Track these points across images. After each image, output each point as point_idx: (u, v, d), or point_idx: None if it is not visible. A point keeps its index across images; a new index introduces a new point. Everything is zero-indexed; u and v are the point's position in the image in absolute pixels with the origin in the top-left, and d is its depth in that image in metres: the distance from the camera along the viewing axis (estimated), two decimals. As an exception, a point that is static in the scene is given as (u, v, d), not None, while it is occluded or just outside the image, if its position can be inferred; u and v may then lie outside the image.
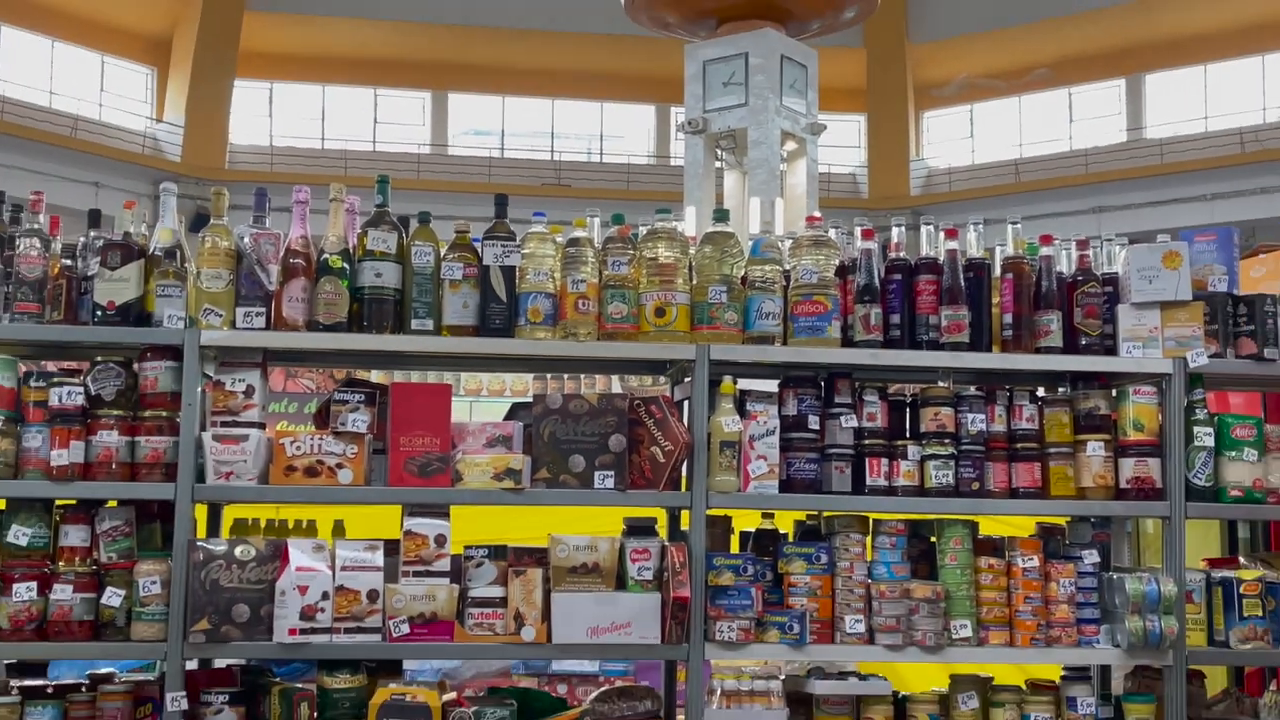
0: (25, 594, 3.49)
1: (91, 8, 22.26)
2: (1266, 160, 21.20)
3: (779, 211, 11.09)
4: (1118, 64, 23.60)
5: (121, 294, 3.60)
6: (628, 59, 22.52)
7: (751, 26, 13.59)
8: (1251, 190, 20.91)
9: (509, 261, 3.76)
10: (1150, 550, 4.60)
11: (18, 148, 19.68)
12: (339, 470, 3.63)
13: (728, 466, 3.75)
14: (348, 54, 23.96)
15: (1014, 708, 3.83)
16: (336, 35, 23.52)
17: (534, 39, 23.22)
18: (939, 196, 23.72)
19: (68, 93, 22.39)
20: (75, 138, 21.48)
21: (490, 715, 3.57)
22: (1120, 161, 22.94)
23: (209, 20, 22.69)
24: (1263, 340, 3.98)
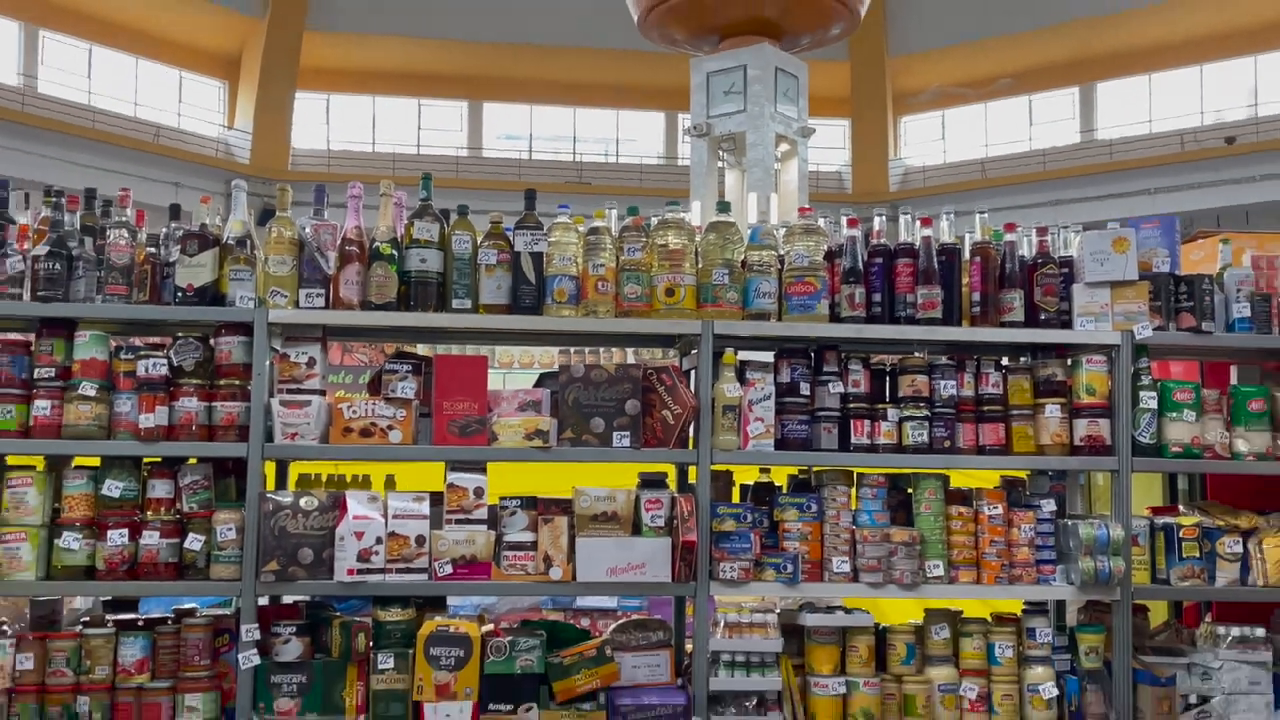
0: (118, 539, 3.51)
1: (171, 29, 22.26)
2: (1203, 159, 21.10)
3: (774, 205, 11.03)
4: (1072, 74, 23.49)
5: (199, 278, 3.61)
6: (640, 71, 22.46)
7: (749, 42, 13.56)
8: (1190, 185, 20.81)
9: (537, 248, 3.76)
10: (1100, 500, 4.58)
11: (107, 152, 19.76)
12: (390, 431, 3.63)
13: (729, 427, 3.75)
14: (395, 69, 23.95)
15: (980, 637, 3.83)
16: (385, 52, 23.50)
17: (558, 55, 23.18)
18: (914, 191, 23.63)
19: (150, 104, 22.43)
20: (157, 143, 21.52)
21: (523, 644, 3.57)
22: (1074, 160, 22.85)
23: (274, 40, 22.71)
24: (1200, 315, 3.95)
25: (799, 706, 3.75)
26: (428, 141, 24.77)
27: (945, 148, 25.16)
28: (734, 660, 3.70)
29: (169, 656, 3.56)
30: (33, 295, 3.55)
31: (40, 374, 3.55)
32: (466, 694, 3.49)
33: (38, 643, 3.46)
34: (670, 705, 3.64)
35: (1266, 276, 4.08)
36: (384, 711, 3.51)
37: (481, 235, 3.78)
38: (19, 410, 3.52)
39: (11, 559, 3.45)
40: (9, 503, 3.50)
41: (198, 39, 22.89)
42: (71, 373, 3.56)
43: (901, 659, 3.81)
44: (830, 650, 3.77)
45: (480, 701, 3.51)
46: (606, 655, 3.66)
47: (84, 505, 3.54)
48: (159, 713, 3.49)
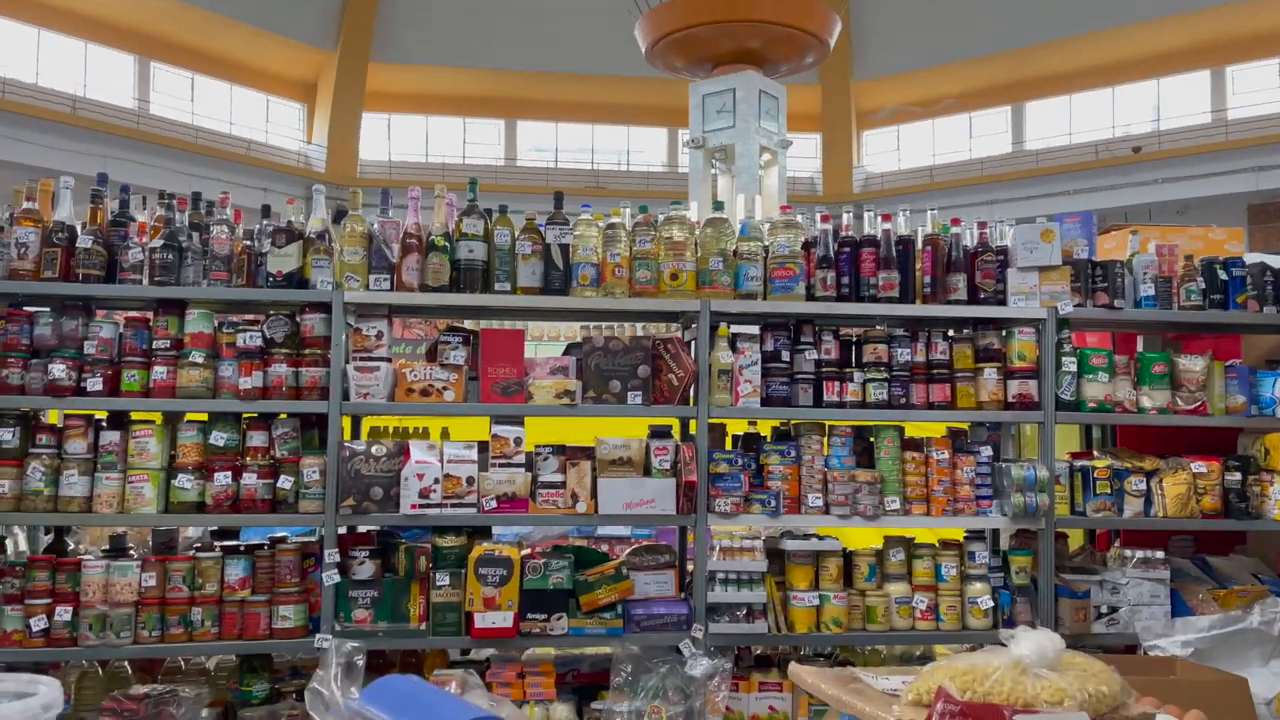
0: (223, 480, 3.52)
1: (259, 61, 22.13)
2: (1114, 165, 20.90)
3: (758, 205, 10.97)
4: (1006, 94, 23.26)
5: (287, 265, 3.60)
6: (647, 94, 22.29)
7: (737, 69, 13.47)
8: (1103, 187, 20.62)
9: (564, 240, 3.74)
10: (1028, 446, 4.57)
11: (207, 163, 19.70)
12: (444, 392, 3.63)
13: (723, 388, 3.74)
14: (444, 93, 23.80)
15: (929, 559, 3.83)
16: (436, 79, 23.35)
17: (579, 80, 23.02)
18: (874, 193, 23.46)
19: (242, 123, 22.31)
20: (249, 155, 21.43)
21: (555, 565, 3.58)
22: (1007, 166, 22.65)
23: (344, 69, 22.57)
24: (1113, 294, 3.92)
25: (781, 615, 3.75)
26: (471, 154, 24.61)
27: (900, 157, 24.93)
28: (727, 578, 3.71)
29: (265, 575, 3.58)
30: (150, 280, 3.55)
31: (158, 345, 3.55)
32: (509, 605, 3.51)
33: (158, 564, 3.48)
34: (676, 614, 3.66)
35: (1168, 262, 4.05)
36: (441, 620, 3.53)
37: (518, 230, 3.76)
38: (141, 375, 3.53)
39: (137, 496, 3.47)
40: (134, 450, 3.51)
41: (281, 69, 22.74)
42: (183, 344, 3.56)
43: (865, 577, 3.81)
44: (806, 570, 3.78)
45: (520, 612, 3.54)
46: (623, 574, 3.68)
47: (195, 452, 3.55)
48: (258, 621, 3.52)
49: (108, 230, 3.59)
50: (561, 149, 25.17)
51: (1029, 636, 1.78)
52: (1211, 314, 3.97)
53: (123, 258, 3.54)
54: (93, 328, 3.53)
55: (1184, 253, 4.07)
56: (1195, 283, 3.94)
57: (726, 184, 13.85)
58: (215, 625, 3.49)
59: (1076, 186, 20.77)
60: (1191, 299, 3.94)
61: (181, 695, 3.46)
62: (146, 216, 3.75)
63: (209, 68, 21.66)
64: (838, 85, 23.70)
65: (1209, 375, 3.96)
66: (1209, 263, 4.00)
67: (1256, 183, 19.18)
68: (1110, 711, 1.74)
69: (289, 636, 3.53)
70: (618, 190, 19.55)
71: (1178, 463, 3.95)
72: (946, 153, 24.17)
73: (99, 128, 18.74)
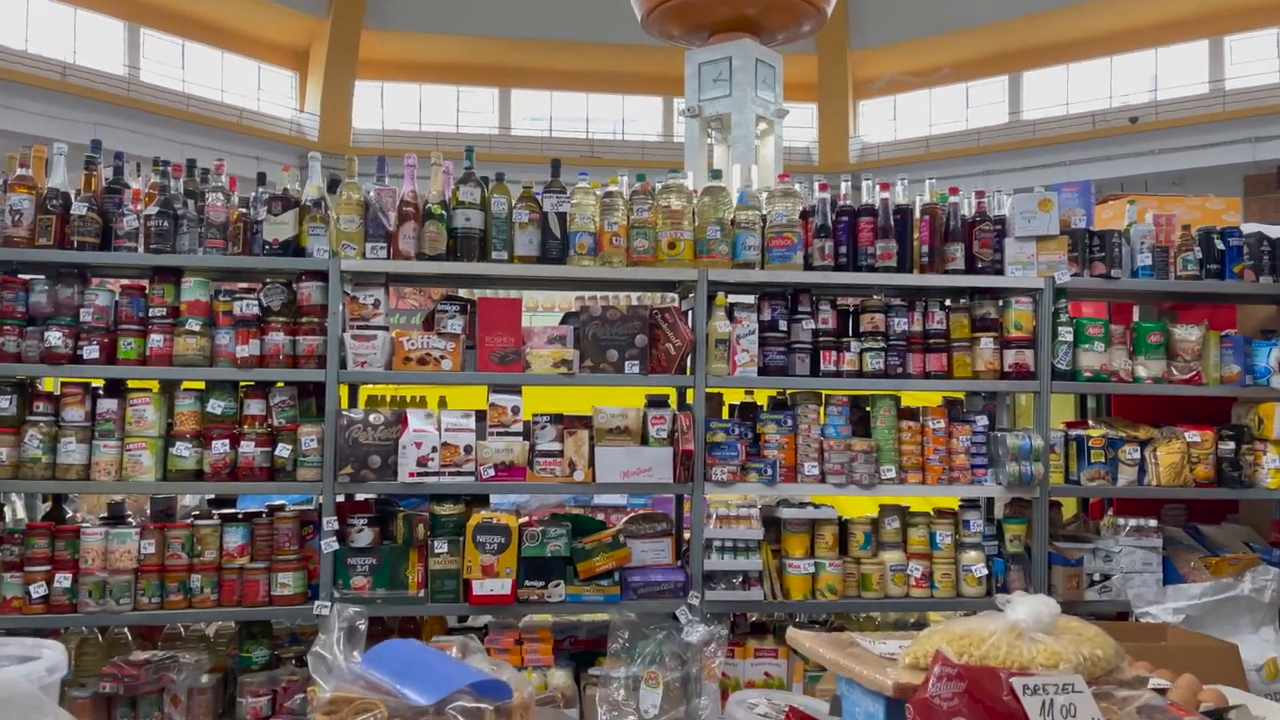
0: (221, 448, 3.52)
1: (250, 27, 21.88)
2: (1110, 136, 20.82)
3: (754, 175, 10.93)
4: (1002, 64, 23.11)
5: (283, 233, 3.58)
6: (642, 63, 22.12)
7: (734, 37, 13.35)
8: (1100, 158, 20.55)
9: (562, 209, 3.72)
10: (1023, 416, 4.59)
11: (199, 131, 19.52)
12: (442, 360, 3.63)
13: (721, 357, 3.74)
14: (437, 61, 23.58)
15: (924, 528, 3.85)
16: (430, 47, 23.13)
17: (574, 48, 22.82)
18: (870, 164, 23.35)
19: (234, 90, 22.10)
20: (240, 123, 21.26)
21: (553, 532, 3.60)
22: (1003, 137, 22.56)
23: (336, 36, 22.34)
24: (1110, 263, 3.92)
25: (776, 583, 3.78)
26: (465, 123, 24.42)
27: (896, 127, 24.80)
28: (723, 546, 3.73)
29: (264, 543, 3.59)
30: (146, 248, 3.53)
31: (154, 313, 3.54)
32: (507, 573, 3.53)
33: (157, 531, 3.49)
34: (672, 581, 3.68)
35: (1165, 232, 4.04)
36: (440, 587, 3.55)
37: (515, 198, 3.74)
38: (138, 343, 3.52)
39: (135, 464, 3.47)
40: (132, 418, 3.51)
41: (272, 36, 22.49)
42: (179, 312, 3.55)
43: (860, 545, 3.83)
44: (802, 538, 3.80)
45: (518, 579, 3.56)
46: (620, 542, 3.69)
47: (192, 420, 3.55)
48: (258, 588, 3.54)
49: (102, 197, 3.57)
50: (556, 118, 24.99)
51: (1025, 601, 1.80)
52: (1208, 284, 3.97)
53: (118, 225, 3.52)
54: (89, 295, 3.52)
55: (1181, 222, 4.06)
56: (1192, 252, 3.94)
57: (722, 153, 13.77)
58: (215, 592, 3.51)
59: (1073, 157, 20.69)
60: (1188, 269, 3.94)
61: (181, 661, 3.49)
62: (141, 184, 3.73)
63: (200, 34, 21.42)
64: (835, 54, 23.53)
65: (1204, 345, 3.97)
66: (1206, 232, 4.00)
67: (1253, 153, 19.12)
68: (1105, 675, 1.76)
69: (288, 603, 3.54)
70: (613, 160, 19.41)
71: (1172, 432, 3.97)
72: (943, 123, 24.06)
73: (89, 95, 18.56)
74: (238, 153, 18.79)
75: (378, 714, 1.69)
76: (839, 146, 24.21)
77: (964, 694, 1.56)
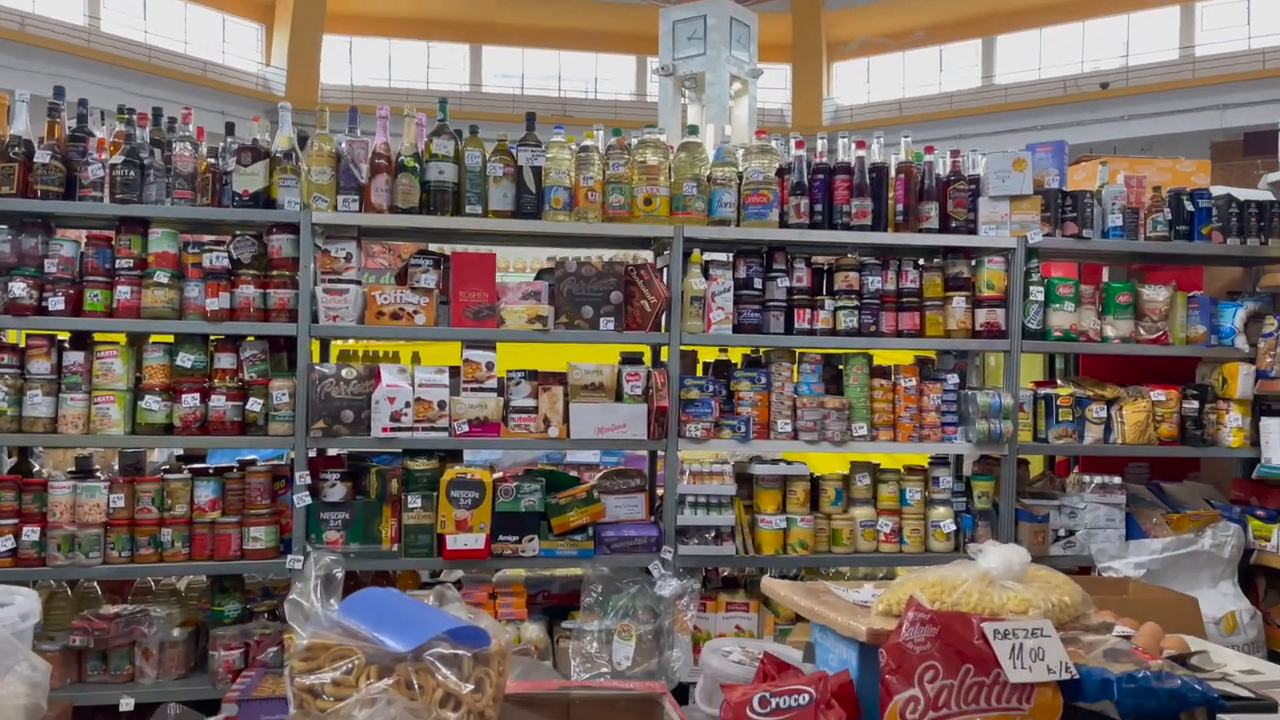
0: (191, 402, 3.49)
1: (214, -23, 21.39)
2: (1081, 101, 20.92)
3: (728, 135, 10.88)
4: (976, 28, 23.11)
5: (253, 185, 3.53)
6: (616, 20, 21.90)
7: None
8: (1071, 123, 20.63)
9: (537, 163, 3.69)
10: (992, 375, 4.64)
11: (162, 84, 19.11)
12: (415, 315, 3.61)
13: (696, 315, 3.74)
14: (408, 15, 23.20)
15: (895, 484, 3.90)
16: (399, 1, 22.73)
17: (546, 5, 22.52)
18: (843, 125, 23.30)
19: (198, 42, 21.62)
20: (205, 76, 20.83)
21: (527, 488, 3.61)
22: (976, 101, 22.59)
23: (303, -12, 21.88)
24: (1081, 224, 3.95)
25: (748, 538, 3.82)
26: (435, 79, 24.07)
27: (869, 89, 24.76)
28: (697, 501, 3.75)
29: (235, 497, 3.57)
30: (111, 198, 3.46)
31: (121, 265, 3.48)
32: (481, 528, 3.54)
33: (127, 485, 3.46)
34: (646, 536, 3.71)
35: (1135, 193, 4.08)
36: (413, 541, 3.55)
37: (489, 152, 3.70)
38: (104, 295, 3.46)
39: (103, 417, 3.43)
40: (99, 371, 3.46)
41: (238, -14, 22.03)
42: (147, 264, 3.49)
43: (831, 501, 3.88)
44: (774, 494, 3.84)
45: (491, 534, 3.56)
46: (594, 497, 3.71)
47: (161, 374, 3.51)
48: (229, 542, 3.52)
49: (66, 146, 3.49)
50: (528, 76, 24.70)
51: (996, 550, 1.84)
52: (1177, 245, 4.02)
53: (82, 174, 3.44)
54: (53, 246, 3.45)
55: (1152, 184, 4.10)
56: (1162, 214, 3.98)
57: (696, 113, 13.68)
58: (186, 546, 3.49)
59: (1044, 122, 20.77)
60: (1158, 230, 3.98)
61: (153, 615, 3.48)
62: (106, 133, 3.64)
63: (162, -17, 20.90)
64: (809, 14, 23.40)
65: (1171, 305, 4.02)
66: (1176, 194, 4.04)
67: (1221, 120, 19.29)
68: (1072, 621, 1.80)
69: (260, 557, 3.53)
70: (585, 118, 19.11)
71: (1138, 391, 4.03)
72: (916, 86, 24.04)
73: (49, 45, 18.08)
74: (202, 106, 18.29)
75: (355, 661, 1.69)
76: (813, 108, 24.14)
77: (936, 638, 1.59)
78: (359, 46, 23.94)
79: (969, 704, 1.56)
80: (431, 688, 1.70)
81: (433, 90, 23.00)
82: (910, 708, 1.55)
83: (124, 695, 3.37)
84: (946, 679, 1.57)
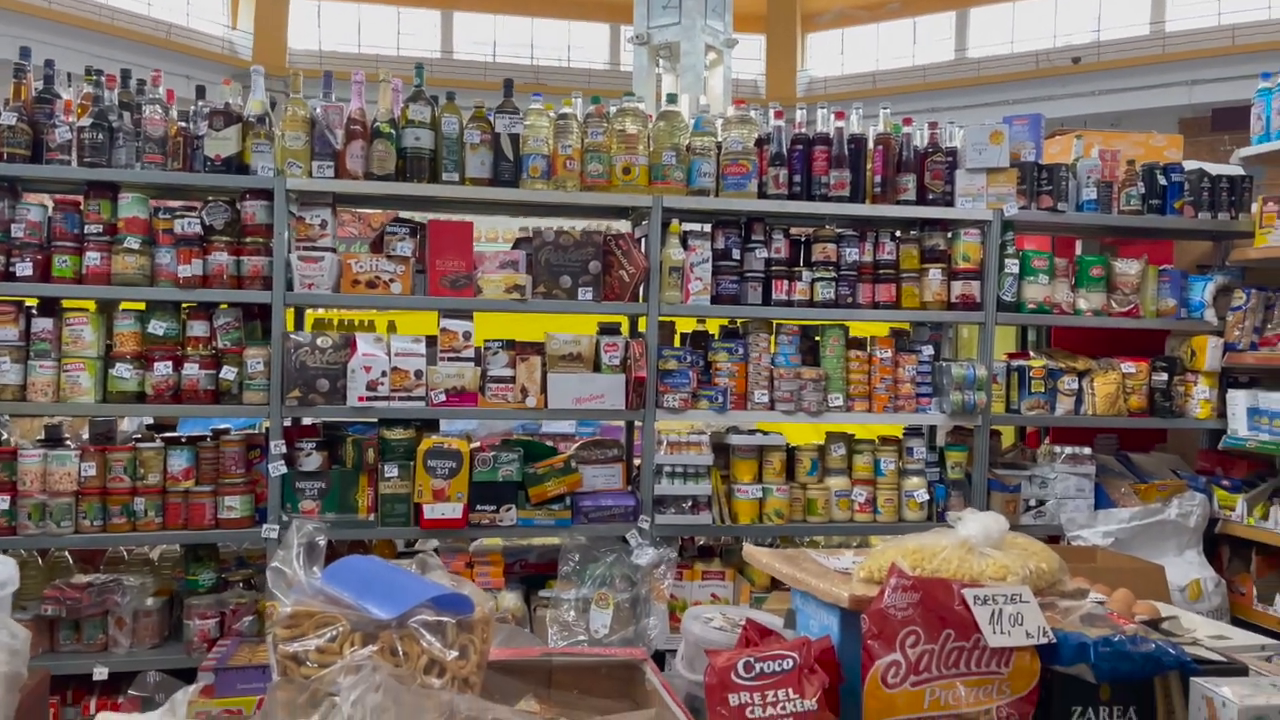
0: (164, 370, 3.45)
1: (178, -63, 20.87)
2: (1053, 75, 20.98)
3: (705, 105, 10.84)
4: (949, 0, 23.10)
5: (226, 149, 3.47)
6: (589, -12, 21.65)
7: (684, -37, 13.10)
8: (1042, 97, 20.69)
9: (515, 130, 3.65)
10: (965, 347, 4.68)
11: (126, 47, 18.68)
12: (391, 284, 3.57)
13: (674, 285, 3.74)
14: (377, -21, 22.81)
15: (869, 454, 3.94)
16: (368, -36, 22.33)
17: (518, -29, 22.23)
18: (818, 97, 23.25)
19: (162, 4, 21.14)
20: (170, 39, 20.38)
21: (504, 457, 3.61)
22: (949, 74, 22.58)
23: (270, -51, 21.43)
24: (1056, 197, 3.98)
25: (725, 507, 3.84)
26: (406, 45, 23.72)
27: (843, 61, 24.71)
28: (674, 471, 3.76)
29: (210, 466, 3.54)
30: (79, 162, 3.39)
31: (90, 230, 3.42)
32: (458, 497, 3.54)
33: (98, 454, 3.42)
34: (623, 506, 3.72)
35: (1110, 167, 4.11)
36: (390, 511, 3.55)
37: (467, 119, 3.66)
38: (73, 260, 3.40)
39: (73, 385, 3.38)
40: (68, 338, 3.41)
41: (202, -53, 21.53)
42: (117, 229, 3.43)
43: (807, 471, 3.91)
44: (750, 464, 3.86)
45: (469, 503, 3.56)
46: (572, 467, 3.71)
47: (133, 341, 3.46)
48: (204, 511, 3.49)
49: (32, 108, 3.41)
50: (500, 43, 24.40)
51: (975, 518, 1.86)
52: (1150, 219, 4.06)
53: (49, 137, 3.37)
54: (20, 210, 3.38)
55: (1125, 158, 4.13)
56: (1135, 187, 4.02)
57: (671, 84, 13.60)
58: (159, 515, 3.45)
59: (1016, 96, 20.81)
60: (1131, 204, 4.02)
61: (126, 584, 3.45)
62: (73, 95, 3.56)
63: (124, -57, 20.38)
64: (784, -16, 23.26)
65: (1143, 279, 4.07)
66: (1149, 168, 4.08)
67: (1189, 96, 19.45)
68: (1048, 587, 1.83)
69: (235, 527, 3.51)
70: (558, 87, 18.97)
71: (1109, 363, 4.08)
72: (890, 59, 24.01)
73: (7, 6, 17.60)
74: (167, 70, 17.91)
75: (339, 628, 1.69)
76: (786, 80, 24.06)
77: (918, 604, 1.61)
78: (327, 11, 23.52)
79: (949, 668, 1.59)
80: (416, 654, 1.70)
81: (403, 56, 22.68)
82: (892, 672, 1.58)
83: (98, 664, 3.35)
84: (927, 644, 1.59)
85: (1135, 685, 1.61)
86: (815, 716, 1.54)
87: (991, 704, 1.57)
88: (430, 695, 1.62)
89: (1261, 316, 3.98)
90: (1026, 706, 1.58)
